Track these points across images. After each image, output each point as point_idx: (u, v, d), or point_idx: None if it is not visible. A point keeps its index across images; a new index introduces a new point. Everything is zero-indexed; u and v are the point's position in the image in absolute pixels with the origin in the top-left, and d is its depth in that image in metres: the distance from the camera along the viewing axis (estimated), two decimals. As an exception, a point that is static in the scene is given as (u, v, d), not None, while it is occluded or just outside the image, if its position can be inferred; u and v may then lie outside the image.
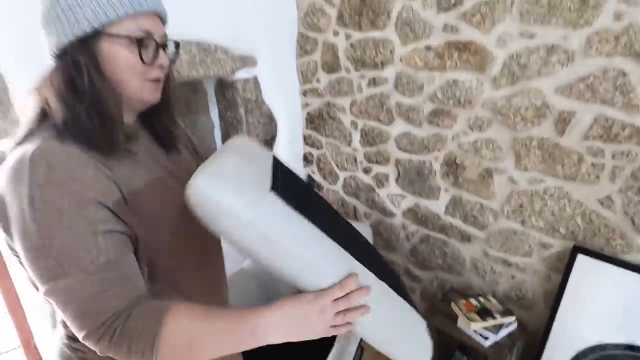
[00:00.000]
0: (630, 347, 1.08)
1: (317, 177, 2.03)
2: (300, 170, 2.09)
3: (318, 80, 1.81)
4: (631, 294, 1.07)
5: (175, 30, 1.44)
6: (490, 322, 1.26)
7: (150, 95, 0.64)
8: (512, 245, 1.33)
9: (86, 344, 0.52)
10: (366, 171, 1.75)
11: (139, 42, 0.57)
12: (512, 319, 1.28)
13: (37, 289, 0.55)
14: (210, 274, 0.77)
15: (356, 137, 1.73)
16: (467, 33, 1.25)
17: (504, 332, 1.26)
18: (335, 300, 0.56)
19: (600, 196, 1.11)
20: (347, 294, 0.57)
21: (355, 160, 1.78)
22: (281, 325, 0.54)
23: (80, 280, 0.51)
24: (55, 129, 0.56)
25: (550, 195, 1.20)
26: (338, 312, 0.56)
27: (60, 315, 0.58)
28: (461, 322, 1.31)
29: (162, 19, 0.65)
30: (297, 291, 0.58)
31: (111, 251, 0.54)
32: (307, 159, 2.05)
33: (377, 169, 1.70)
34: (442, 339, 1.50)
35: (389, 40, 1.47)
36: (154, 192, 0.64)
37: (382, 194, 1.71)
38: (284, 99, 1.90)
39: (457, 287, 1.55)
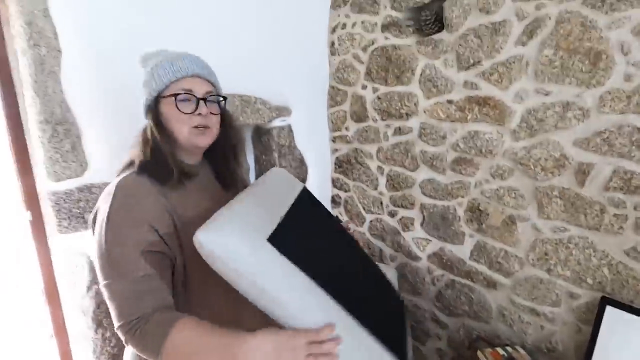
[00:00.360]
0: (670, 409, 1.03)
1: (344, 219, 2.11)
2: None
3: (347, 129, 1.94)
4: (666, 350, 1.04)
5: (224, 86, 1.65)
6: (517, 374, 1.23)
7: (197, 139, 0.81)
8: (539, 294, 1.33)
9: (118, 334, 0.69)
10: (392, 214, 1.81)
11: (176, 97, 0.77)
12: (541, 371, 1.25)
13: None
14: (239, 297, 0.86)
15: (382, 181, 1.82)
16: (487, 89, 1.35)
17: (532, 385, 1.23)
18: (310, 343, 0.64)
19: (625, 247, 1.11)
20: (322, 341, 0.65)
21: (381, 203, 1.85)
22: (258, 354, 0.62)
23: (122, 286, 0.67)
24: (138, 167, 0.78)
25: (575, 244, 1.21)
26: (309, 355, 0.63)
27: None
28: (488, 372, 1.29)
29: (207, 79, 0.84)
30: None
31: (149, 268, 0.69)
32: (334, 201, 2.15)
33: (402, 212, 1.76)
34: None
35: (413, 94, 1.59)
36: (199, 223, 0.77)
37: (408, 237, 1.76)
38: (314, 145, 2.04)
39: (484, 336, 1.53)
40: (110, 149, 1.36)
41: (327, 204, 2.16)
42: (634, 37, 1.01)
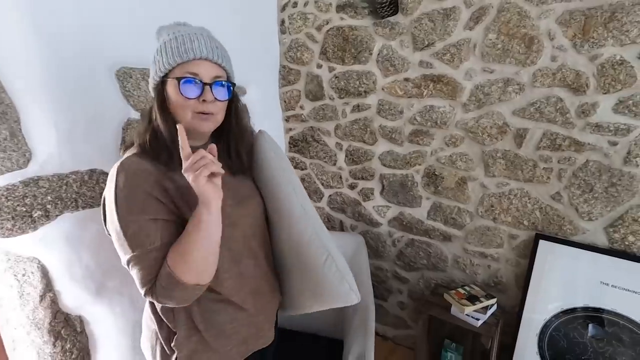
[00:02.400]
0: (586, 308, 1.38)
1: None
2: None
3: (302, 107, 1.98)
4: (582, 266, 1.39)
5: None
6: (479, 305, 1.49)
7: (200, 125, 0.80)
8: (487, 240, 1.61)
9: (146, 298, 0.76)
10: (352, 187, 1.94)
11: (179, 81, 0.75)
12: (494, 300, 1.53)
13: None
14: (250, 274, 0.90)
15: (341, 157, 1.93)
16: (440, 68, 1.54)
17: (490, 312, 1.50)
18: (192, 165, 0.68)
19: (551, 192, 1.43)
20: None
21: (341, 177, 1.96)
22: (202, 198, 0.70)
23: (141, 256, 0.72)
24: (139, 148, 0.79)
25: (515, 195, 1.50)
26: (197, 173, 0.68)
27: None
28: (454, 309, 1.53)
29: (217, 64, 0.80)
30: None
31: (165, 236, 0.74)
32: (290, 180, 2.18)
33: (362, 184, 1.90)
34: (433, 330, 1.71)
35: (371, 73, 1.71)
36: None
37: (368, 206, 1.91)
38: (269, 124, 2.02)
39: (441, 283, 1.78)
40: (59, 134, 1.18)
41: (283, 184, 2.18)
42: (557, 25, 1.28)
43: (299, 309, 0.98)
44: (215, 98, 0.78)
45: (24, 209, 1.13)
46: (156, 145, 0.78)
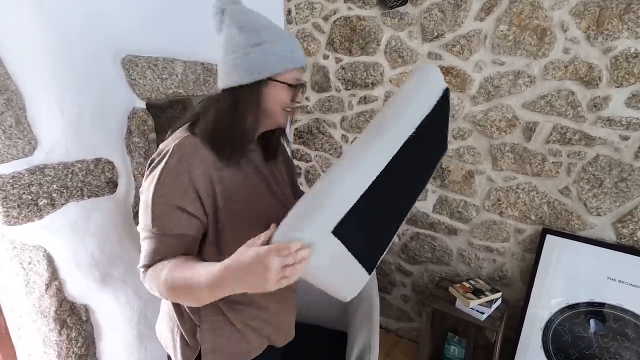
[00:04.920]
0: (591, 303, 1.38)
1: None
2: (287, 183, 2.20)
3: (307, 99, 1.96)
4: (588, 261, 1.38)
5: (184, 51, 1.52)
6: (484, 299, 1.49)
7: (285, 121, 0.82)
8: (492, 234, 1.60)
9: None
10: (357, 180, 1.92)
11: (290, 86, 0.76)
12: (499, 294, 1.53)
13: None
14: None
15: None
16: (449, 60, 1.51)
17: (495, 306, 1.50)
18: (282, 255, 0.57)
19: (560, 187, 1.41)
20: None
21: (346, 170, 1.94)
22: (229, 284, 0.61)
23: (157, 236, 0.73)
24: (204, 133, 0.75)
25: (522, 189, 1.49)
26: (285, 266, 0.58)
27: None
28: (459, 303, 1.52)
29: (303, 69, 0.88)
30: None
31: (187, 228, 0.74)
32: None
33: (368, 177, 1.88)
34: (437, 323, 1.71)
35: (379, 64, 1.69)
36: (244, 195, 0.79)
37: (373, 199, 1.90)
38: (274, 116, 2.01)
39: (445, 276, 1.78)
40: (65, 122, 1.16)
41: (287, 176, 2.18)
42: (571, 17, 1.26)
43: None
44: None
45: (30, 197, 1.12)
46: (226, 137, 0.75)
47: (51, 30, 1.09)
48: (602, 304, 1.36)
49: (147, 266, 0.74)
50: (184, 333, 0.85)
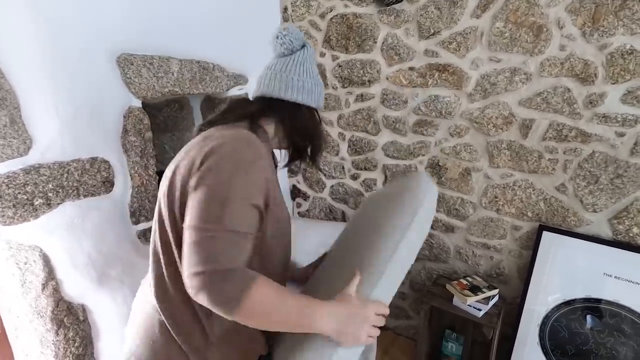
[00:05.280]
0: (587, 299, 1.39)
1: (303, 187, 2.15)
2: (285, 181, 2.19)
3: (304, 97, 1.95)
4: (585, 257, 1.39)
5: (179, 49, 1.51)
6: (481, 296, 1.49)
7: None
8: (489, 231, 1.60)
9: (186, 279, 0.62)
10: (354, 177, 1.93)
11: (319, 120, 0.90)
12: (496, 291, 1.53)
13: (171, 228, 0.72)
14: (283, 280, 0.89)
15: (344, 147, 1.91)
16: (446, 57, 1.51)
17: (492, 303, 1.51)
18: (377, 314, 0.69)
19: (556, 184, 1.42)
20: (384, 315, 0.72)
21: (343, 168, 1.95)
22: (333, 318, 0.66)
23: (224, 235, 0.63)
24: (273, 139, 0.84)
25: (519, 186, 1.49)
26: (373, 325, 0.69)
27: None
28: (457, 300, 1.53)
29: None
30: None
31: (253, 228, 0.68)
32: (291, 170, 2.17)
33: (365, 174, 1.89)
34: (434, 321, 1.71)
35: (375, 62, 1.68)
36: (280, 200, 0.80)
37: (371, 197, 1.90)
38: (271, 114, 2.00)
39: (443, 274, 1.79)
40: (60, 121, 1.16)
41: (284, 174, 2.17)
42: (567, 13, 1.26)
43: None
44: None
45: (25, 197, 1.11)
46: (316, 146, 0.88)
47: (45, 28, 1.08)
48: (598, 300, 1.36)
49: (206, 270, 0.61)
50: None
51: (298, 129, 0.84)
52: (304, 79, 0.83)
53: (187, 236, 0.64)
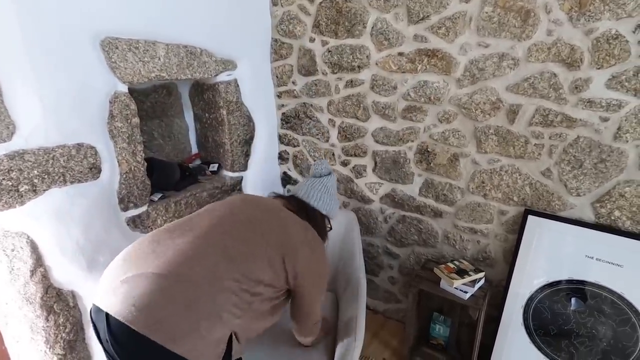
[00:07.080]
0: (570, 281, 1.43)
1: (293, 174, 2.16)
2: (275, 168, 2.19)
3: (294, 83, 1.94)
4: (568, 240, 1.42)
5: (166, 34, 1.49)
6: (467, 279, 1.53)
7: None
8: (477, 216, 1.63)
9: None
10: (344, 164, 1.93)
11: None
12: (482, 274, 1.57)
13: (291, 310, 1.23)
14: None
15: (334, 133, 1.91)
16: (435, 42, 1.51)
17: (478, 286, 1.54)
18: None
19: (542, 169, 1.44)
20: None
21: (334, 154, 1.95)
22: None
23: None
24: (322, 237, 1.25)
25: (505, 171, 1.51)
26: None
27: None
28: (444, 283, 1.56)
29: None
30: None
31: None
32: (282, 157, 2.17)
33: (355, 161, 1.89)
34: (423, 304, 1.75)
35: (365, 47, 1.67)
36: None
37: (360, 183, 1.91)
38: (260, 100, 1.99)
39: (431, 258, 1.82)
40: (43, 106, 1.14)
41: (275, 161, 2.17)
42: (554, -2, 1.26)
43: None
44: None
45: (10, 183, 1.10)
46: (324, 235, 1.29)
47: (26, 11, 1.06)
48: (582, 282, 1.40)
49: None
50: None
51: (314, 225, 1.22)
52: (330, 197, 1.30)
53: None
